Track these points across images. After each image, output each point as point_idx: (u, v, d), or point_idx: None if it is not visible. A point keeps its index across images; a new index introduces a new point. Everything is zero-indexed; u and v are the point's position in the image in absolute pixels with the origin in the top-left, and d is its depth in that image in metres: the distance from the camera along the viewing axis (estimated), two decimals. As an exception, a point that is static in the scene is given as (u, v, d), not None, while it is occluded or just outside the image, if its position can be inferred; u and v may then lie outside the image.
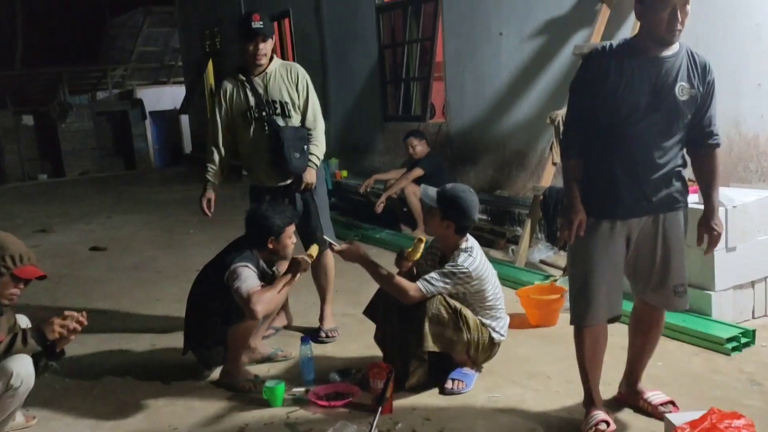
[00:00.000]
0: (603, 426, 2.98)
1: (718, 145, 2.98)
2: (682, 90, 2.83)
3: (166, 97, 20.35)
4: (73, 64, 19.19)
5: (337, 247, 3.68)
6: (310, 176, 4.18)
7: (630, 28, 5.34)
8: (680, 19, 2.74)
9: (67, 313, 2.93)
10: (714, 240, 3.02)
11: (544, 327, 4.37)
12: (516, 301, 4.64)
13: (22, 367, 2.87)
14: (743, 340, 3.91)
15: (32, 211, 10.63)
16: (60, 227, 8.94)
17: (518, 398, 3.41)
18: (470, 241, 3.60)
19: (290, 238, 3.75)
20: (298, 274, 3.65)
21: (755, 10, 4.72)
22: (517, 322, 4.45)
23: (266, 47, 4.12)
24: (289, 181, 4.20)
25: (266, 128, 4.14)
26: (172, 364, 4.00)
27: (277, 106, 4.15)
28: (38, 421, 3.36)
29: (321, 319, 4.41)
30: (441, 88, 8.05)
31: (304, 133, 4.17)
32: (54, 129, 17.00)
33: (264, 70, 4.18)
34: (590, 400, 3.10)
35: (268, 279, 3.69)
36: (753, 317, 4.37)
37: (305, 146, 4.15)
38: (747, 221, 4.24)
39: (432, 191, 3.61)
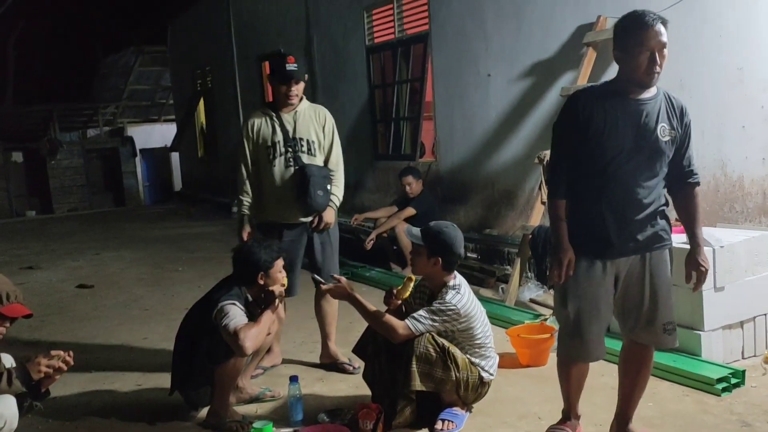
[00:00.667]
0: None
1: (698, 183, 3.06)
2: (663, 131, 2.91)
3: (157, 134, 20.44)
4: (64, 102, 19.28)
5: (325, 286, 3.67)
6: (329, 216, 4.27)
7: (615, 70, 5.43)
8: (658, 62, 2.83)
9: (53, 352, 2.89)
10: (702, 276, 3.06)
11: (534, 366, 4.35)
12: (506, 341, 4.63)
13: (6, 408, 2.83)
14: (733, 381, 3.91)
15: (19, 248, 10.55)
16: (47, 264, 8.87)
17: (508, 442, 3.38)
18: (458, 279, 3.61)
19: (280, 272, 3.74)
20: (276, 303, 3.66)
21: (737, 54, 4.82)
22: (508, 361, 4.43)
23: (299, 89, 4.23)
24: (309, 219, 4.24)
25: (291, 164, 4.22)
26: (158, 404, 3.94)
27: (304, 143, 4.23)
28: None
29: (330, 355, 4.39)
30: (431, 128, 8.13)
31: (327, 173, 4.28)
32: (43, 166, 17.00)
33: (294, 109, 4.26)
34: (568, 414, 3.31)
35: (256, 316, 3.68)
36: (743, 357, 4.37)
37: (328, 186, 4.23)
38: (734, 261, 4.27)
39: (416, 230, 3.64)
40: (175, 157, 18.37)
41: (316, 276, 3.98)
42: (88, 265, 8.76)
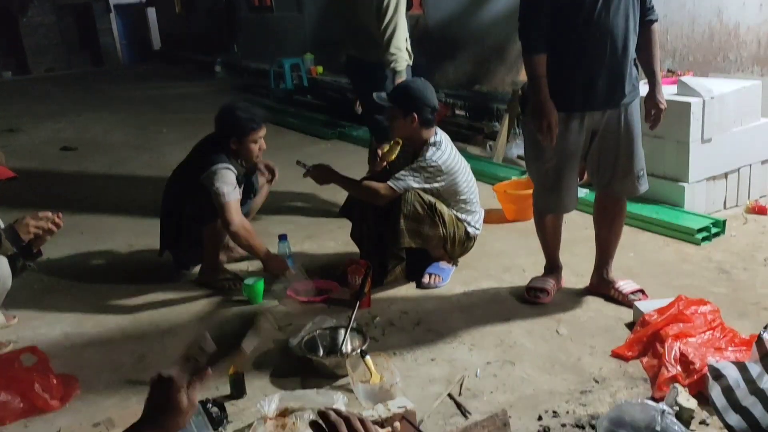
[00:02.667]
0: (541, 296, 3.30)
1: (656, 20, 3.06)
2: None
3: (131, -12, 19.47)
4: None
5: (308, 173, 3.63)
6: None
7: None
8: None
9: (41, 214, 2.88)
10: (659, 114, 3.09)
11: (520, 222, 4.42)
12: (493, 197, 4.67)
13: (-1, 269, 2.86)
14: (714, 230, 4.00)
15: (-1, 111, 10.33)
16: (28, 127, 8.72)
17: (493, 291, 3.49)
18: (439, 135, 3.56)
19: (255, 142, 3.61)
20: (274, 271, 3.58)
21: None
22: (494, 217, 4.49)
23: None
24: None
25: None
26: (151, 263, 4.01)
27: None
28: (19, 320, 3.38)
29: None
30: (418, -22, 7.76)
31: None
32: (16, 23, 16.28)
33: None
34: (550, 267, 3.44)
35: (240, 180, 3.65)
36: (724, 208, 4.45)
37: None
38: (724, 112, 4.24)
39: (383, 94, 3.57)
40: (152, 13, 17.60)
41: (299, 160, 3.86)
42: (70, 127, 8.62)
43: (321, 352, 2.87)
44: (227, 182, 3.45)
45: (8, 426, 2.52)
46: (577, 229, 4.13)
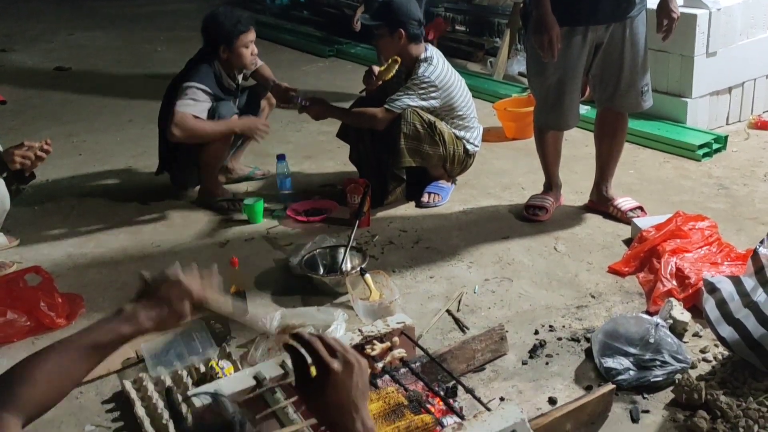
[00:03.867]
0: (540, 213, 3.30)
1: None
2: None
3: None
4: None
5: (302, 109, 3.57)
6: None
7: None
8: None
9: (27, 143, 2.85)
10: (672, 24, 3.01)
11: (519, 140, 4.39)
12: (493, 115, 4.62)
13: (-5, 191, 2.86)
14: (715, 146, 3.98)
15: (-12, 30, 10.09)
16: (20, 46, 8.52)
17: (492, 209, 3.49)
18: (430, 51, 3.49)
19: (246, 47, 3.51)
20: (248, 132, 3.56)
21: None
22: (494, 135, 4.46)
23: None
24: None
25: None
26: (150, 184, 4.01)
27: None
28: (21, 242, 3.40)
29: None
30: None
31: None
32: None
33: None
34: (549, 184, 3.42)
35: (232, 91, 3.59)
36: (727, 123, 4.40)
37: None
38: (730, 24, 4.13)
39: (367, 15, 3.51)
40: (141, -75, 16.90)
41: (293, 96, 3.75)
42: (62, 46, 8.42)
43: (321, 271, 2.91)
44: (190, 96, 3.36)
45: (16, 344, 2.57)
46: (578, 147, 4.10)
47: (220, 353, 2.38)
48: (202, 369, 2.29)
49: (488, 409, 1.77)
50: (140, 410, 2.13)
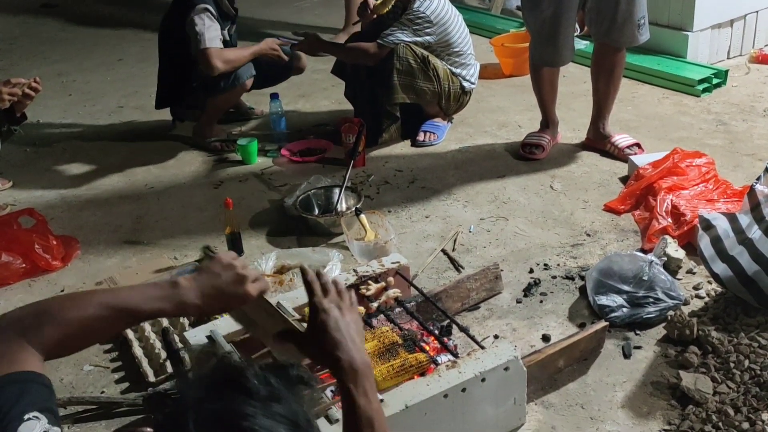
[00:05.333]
0: (536, 152, 3.28)
1: None
2: None
3: None
4: None
5: (296, 46, 3.50)
6: None
7: None
8: None
9: (13, 80, 2.80)
10: None
11: (517, 76, 4.32)
12: (490, 51, 4.53)
13: (-15, 133, 2.82)
14: (715, 81, 3.92)
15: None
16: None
17: (489, 148, 3.46)
18: None
19: None
20: (269, 52, 3.50)
21: None
22: (491, 72, 4.39)
23: None
24: None
25: None
26: (142, 125, 3.96)
27: None
28: (13, 184, 3.37)
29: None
30: None
31: None
32: None
33: None
34: (546, 122, 3.37)
35: (231, 17, 3.51)
36: (728, 57, 4.33)
37: None
38: (734, -45, 4.02)
39: None
40: None
41: (285, 37, 3.66)
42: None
43: (316, 211, 2.89)
44: (206, 26, 3.28)
45: (13, 286, 2.58)
46: (576, 83, 4.04)
47: (216, 294, 2.38)
48: (199, 310, 2.30)
49: (482, 347, 1.79)
50: (138, 350, 2.15)
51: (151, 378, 2.05)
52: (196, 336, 1.88)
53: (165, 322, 2.25)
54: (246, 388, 0.85)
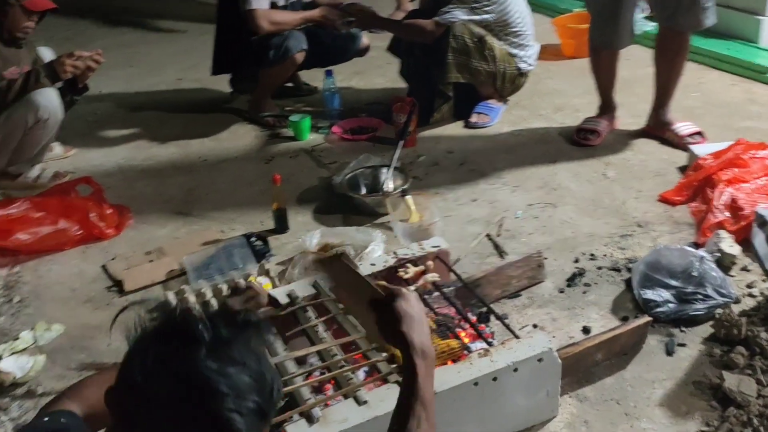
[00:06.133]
0: (591, 137, 3.18)
1: None
2: None
3: None
4: None
5: (350, 19, 3.47)
6: None
7: None
8: None
9: (77, 53, 2.88)
10: None
11: (579, 58, 4.19)
12: (551, 31, 4.42)
13: (49, 101, 2.90)
14: (788, 65, 3.73)
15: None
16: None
17: (543, 132, 3.39)
18: None
19: None
20: (323, 20, 3.48)
21: None
22: (551, 53, 4.29)
23: None
24: None
25: None
26: (199, 97, 4.03)
27: None
28: (76, 152, 3.49)
29: None
30: None
31: None
32: None
33: None
34: (603, 107, 3.28)
35: None
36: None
37: None
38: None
39: None
40: None
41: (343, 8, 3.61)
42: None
43: (363, 191, 2.89)
44: None
45: (68, 251, 2.67)
46: (639, 67, 3.89)
47: (260, 269, 2.42)
48: (242, 284, 2.33)
49: (517, 337, 1.76)
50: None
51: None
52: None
53: (208, 294, 2.29)
54: (191, 334, 0.88)
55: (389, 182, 2.87)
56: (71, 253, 2.67)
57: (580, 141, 3.21)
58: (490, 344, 1.77)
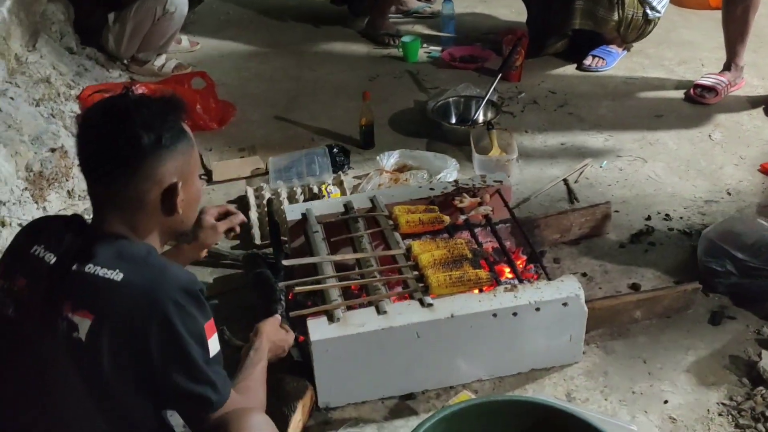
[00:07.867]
0: (708, 95, 2.98)
1: None
2: None
3: None
4: None
5: None
6: None
7: None
8: None
9: None
10: None
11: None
12: (698, -23, 4.09)
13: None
14: None
15: None
16: None
17: (657, 83, 3.22)
18: None
19: None
20: None
21: None
22: (696, 1, 3.98)
23: None
24: None
25: None
26: (324, 10, 4.11)
27: None
28: (201, 47, 3.72)
29: None
30: None
31: None
32: None
33: None
34: (728, 64, 3.04)
35: None
36: None
37: None
38: None
39: None
40: None
41: None
42: None
43: (453, 119, 2.91)
44: None
45: (173, 138, 2.90)
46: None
47: (335, 180, 2.54)
48: (315, 189, 2.47)
49: (548, 278, 1.78)
50: (253, 214, 2.38)
51: (257, 241, 2.28)
52: (293, 211, 2.06)
53: (284, 194, 2.45)
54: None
55: (480, 114, 2.87)
56: (176, 139, 2.89)
57: (694, 97, 3.03)
58: (521, 281, 1.80)
